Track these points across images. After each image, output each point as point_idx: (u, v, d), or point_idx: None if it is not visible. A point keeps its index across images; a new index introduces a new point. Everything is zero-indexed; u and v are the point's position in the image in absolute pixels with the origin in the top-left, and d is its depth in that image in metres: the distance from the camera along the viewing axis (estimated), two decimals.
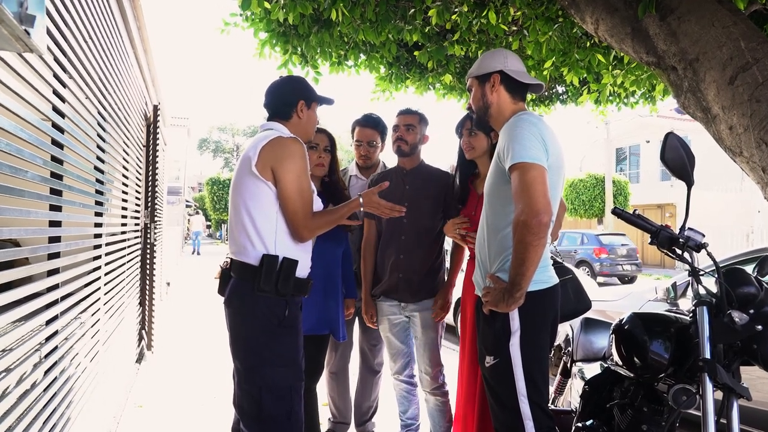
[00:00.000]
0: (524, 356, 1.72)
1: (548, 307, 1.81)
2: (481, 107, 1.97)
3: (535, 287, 1.74)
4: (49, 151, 1.80)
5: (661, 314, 1.98)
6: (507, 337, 1.73)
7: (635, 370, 1.89)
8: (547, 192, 1.65)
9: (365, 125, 2.81)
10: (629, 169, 23.77)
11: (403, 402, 2.80)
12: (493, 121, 1.97)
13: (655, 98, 4.77)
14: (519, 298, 1.67)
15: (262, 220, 1.83)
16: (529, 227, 1.60)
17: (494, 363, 1.76)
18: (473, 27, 3.64)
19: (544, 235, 1.62)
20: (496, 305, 1.71)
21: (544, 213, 1.60)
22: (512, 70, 1.92)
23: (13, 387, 1.53)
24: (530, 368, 1.72)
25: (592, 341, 2.50)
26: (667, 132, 1.76)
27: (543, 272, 1.78)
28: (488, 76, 1.94)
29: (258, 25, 3.82)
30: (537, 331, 1.76)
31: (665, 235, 1.77)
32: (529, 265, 1.62)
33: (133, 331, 4.30)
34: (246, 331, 1.83)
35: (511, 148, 1.70)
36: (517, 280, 1.65)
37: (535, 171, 1.66)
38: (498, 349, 1.75)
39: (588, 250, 15.37)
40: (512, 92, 1.93)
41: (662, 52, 2.33)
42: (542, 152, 1.70)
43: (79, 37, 2.11)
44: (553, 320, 1.84)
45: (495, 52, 1.98)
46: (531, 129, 1.73)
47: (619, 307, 4.37)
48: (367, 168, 2.89)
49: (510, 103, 1.93)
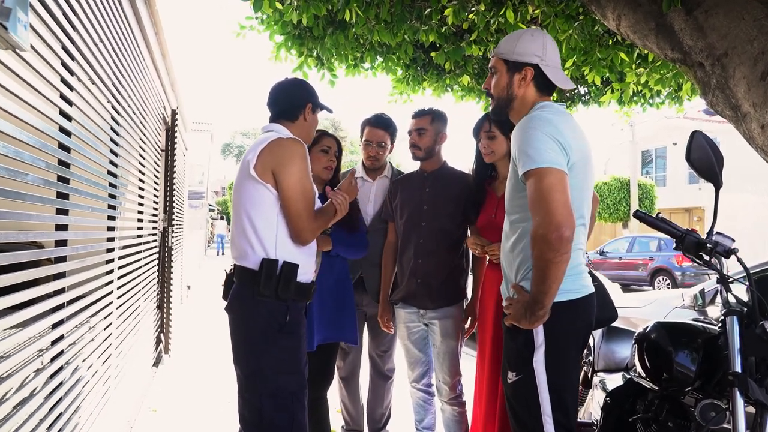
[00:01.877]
0: (550, 373, 1.57)
1: (578, 320, 1.65)
2: (503, 98, 1.75)
3: (563, 297, 1.59)
4: (56, 155, 1.79)
5: (687, 324, 1.87)
6: (531, 352, 1.59)
7: (660, 382, 1.79)
8: (568, 200, 1.49)
9: (376, 125, 2.72)
10: (655, 172, 23.24)
11: (419, 411, 2.72)
12: (513, 114, 1.77)
13: (681, 98, 4.61)
14: (542, 316, 1.54)
15: (262, 224, 1.79)
16: (549, 243, 1.45)
17: (516, 380, 1.63)
18: (491, 26, 3.56)
19: (567, 249, 1.47)
20: (518, 321, 1.59)
21: (564, 226, 1.44)
22: (549, 66, 1.70)
23: (14, 391, 1.51)
24: (556, 386, 1.58)
25: (614, 351, 2.39)
26: (692, 131, 1.66)
27: (574, 281, 1.63)
28: (521, 67, 1.71)
29: (273, 28, 3.81)
30: (565, 345, 1.61)
31: (691, 240, 1.67)
32: (551, 282, 1.49)
33: (151, 334, 4.31)
34: (246, 337, 1.79)
35: (524, 153, 1.55)
36: (539, 298, 1.52)
37: (552, 177, 1.49)
38: (521, 365, 1.61)
39: (667, 257, 13.30)
40: (542, 90, 1.73)
41: (688, 47, 2.23)
42: (559, 153, 1.54)
43: (89, 40, 2.11)
44: (585, 333, 1.70)
45: (535, 36, 1.72)
46: (545, 127, 1.56)
47: (643, 314, 4.22)
48: (374, 169, 2.81)
49: (535, 97, 1.73)
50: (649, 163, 23.72)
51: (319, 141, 2.38)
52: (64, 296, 1.88)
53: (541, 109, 1.68)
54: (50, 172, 1.75)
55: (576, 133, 1.64)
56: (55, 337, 1.85)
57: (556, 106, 1.71)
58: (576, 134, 1.64)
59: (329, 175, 2.41)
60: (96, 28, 2.20)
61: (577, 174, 1.60)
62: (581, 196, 1.64)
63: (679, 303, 4.07)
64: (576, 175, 1.60)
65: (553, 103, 1.74)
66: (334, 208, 1.94)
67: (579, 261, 1.66)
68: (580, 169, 1.62)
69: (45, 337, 1.78)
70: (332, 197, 1.96)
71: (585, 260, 1.75)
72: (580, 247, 1.68)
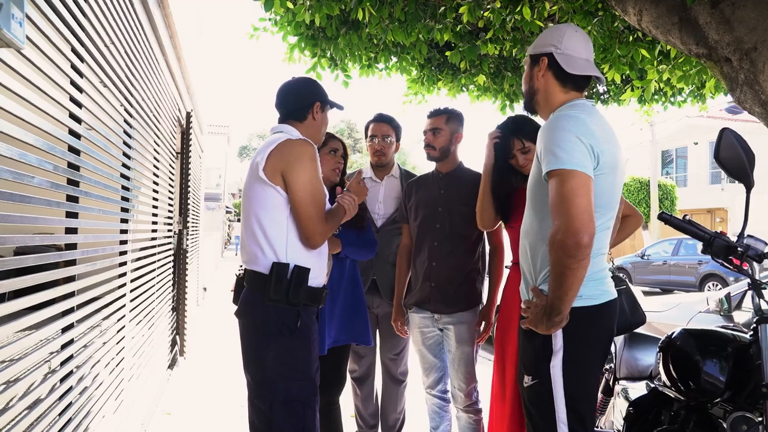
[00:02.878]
0: (567, 379, 1.51)
1: (599, 326, 1.58)
2: (527, 91, 1.74)
3: (583, 303, 1.53)
4: (66, 157, 1.77)
5: (716, 331, 1.78)
6: (548, 357, 1.53)
7: (686, 392, 1.71)
8: (590, 206, 1.43)
9: (379, 121, 2.73)
10: (676, 173, 22.82)
11: (434, 417, 2.65)
12: (540, 110, 1.72)
13: (704, 96, 4.47)
14: (559, 322, 1.48)
15: (271, 227, 1.75)
16: (566, 249, 1.40)
17: (532, 384, 1.58)
18: (507, 24, 3.49)
19: (584, 256, 1.40)
20: (536, 325, 1.53)
21: (583, 232, 1.38)
22: (565, 54, 1.63)
23: (23, 394, 1.50)
24: (573, 393, 1.51)
25: (637, 358, 2.30)
26: (722, 128, 1.58)
27: (596, 286, 1.56)
28: (538, 58, 1.68)
29: (286, 29, 3.78)
30: (584, 352, 1.55)
31: (721, 244, 1.59)
32: (568, 289, 1.43)
33: (166, 337, 4.31)
34: (256, 343, 1.75)
35: (550, 151, 1.49)
36: (555, 304, 1.46)
37: (576, 180, 1.43)
38: (537, 370, 1.56)
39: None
40: (562, 80, 1.65)
41: (714, 42, 2.14)
42: (587, 156, 1.47)
43: (99, 42, 2.09)
44: (606, 341, 1.62)
45: (554, 29, 1.71)
46: (573, 127, 1.49)
47: (666, 319, 4.10)
48: (381, 166, 2.77)
49: (559, 92, 1.65)
50: (670, 164, 23.31)
51: (327, 143, 2.34)
52: (74, 300, 1.86)
53: (572, 108, 1.61)
54: (60, 175, 1.73)
55: (607, 135, 1.57)
56: (65, 341, 1.83)
57: (589, 106, 1.64)
58: (607, 136, 1.57)
59: (338, 177, 2.37)
60: (107, 30, 2.19)
61: (605, 178, 1.53)
62: (608, 200, 1.57)
63: (704, 307, 3.95)
64: (604, 179, 1.53)
65: (585, 101, 1.67)
66: (343, 209, 1.89)
67: (602, 266, 1.60)
68: (609, 173, 1.55)
69: (55, 340, 1.76)
70: (340, 198, 1.92)
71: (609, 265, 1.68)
72: (603, 252, 1.61)
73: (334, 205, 1.91)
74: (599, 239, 1.55)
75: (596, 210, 1.50)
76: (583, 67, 1.65)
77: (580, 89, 1.68)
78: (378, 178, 2.79)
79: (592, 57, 1.71)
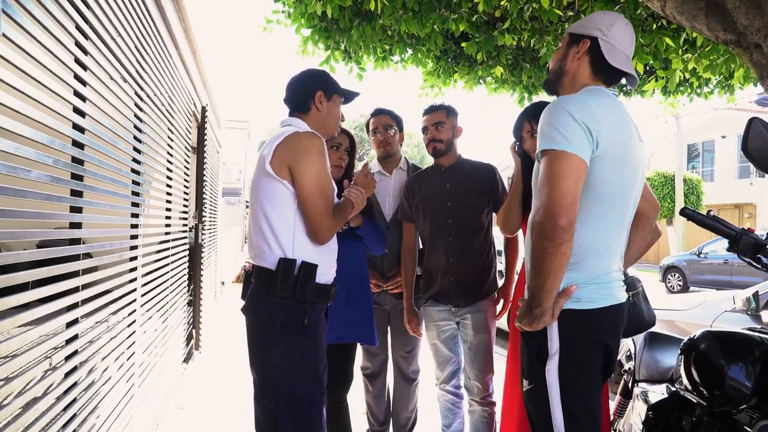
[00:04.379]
0: (563, 385, 1.43)
1: (598, 331, 1.48)
2: (555, 70, 1.64)
3: (581, 306, 1.45)
4: (69, 152, 1.75)
5: (741, 333, 1.68)
6: (543, 361, 1.45)
7: (709, 398, 1.61)
8: (576, 189, 1.35)
9: (378, 113, 2.72)
10: (702, 167, 22.24)
11: (447, 414, 2.61)
12: (562, 91, 1.63)
13: (732, 86, 4.30)
14: (540, 315, 1.40)
15: (278, 222, 1.71)
16: (543, 230, 1.33)
17: (530, 388, 1.51)
18: (524, 13, 3.39)
19: (562, 240, 1.33)
20: (520, 321, 1.46)
21: (561, 215, 1.31)
22: (610, 43, 1.55)
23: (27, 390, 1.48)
24: (570, 399, 1.44)
25: (657, 359, 2.21)
26: (750, 117, 1.47)
27: (597, 289, 1.47)
28: (579, 39, 1.59)
29: (300, 21, 3.74)
30: (581, 356, 1.46)
31: (748, 241, 1.49)
32: (547, 275, 1.35)
33: (181, 331, 4.33)
34: (262, 340, 1.71)
35: (543, 132, 1.41)
36: (534, 294, 1.38)
37: (565, 161, 1.35)
38: (533, 373, 1.49)
39: None
40: (596, 68, 1.57)
41: (743, 27, 2.02)
42: (582, 138, 1.38)
43: (106, 36, 2.07)
44: (607, 347, 1.52)
45: (604, 14, 1.62)
46: (576, 109, 1.40)
47: (690, 318, 3.96)
48: (387, 157, 2.73)
49: (588, 77, 1.58)
50: (696, 157, 22.72)
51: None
52: (78, 295, 1.85)
53: (584, 92, 1.53)
54: (63, 170, 1.71)
55: (616, 120, 1.46)
56: (69, 335, 1.82)
57: (603, 90, 1.54)
58: (615, 121, 1.46)
59: (340, 173, 2.31)
60: (114, 23, 2.16)
61: (609, 164, 1.43)
62: (614, 189, 1.46)
63: (730, 306, 3.80)
64: (607, 165, 1.43)
65: (603, 88, 1.57)
66: (351, 203, 1.84)
67: (607, 269, 1.49)
68: (614, 160, 1.44)
69: (59, 335, 1.75)
70: (347, 192, 1.87)
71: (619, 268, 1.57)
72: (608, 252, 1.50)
73: (341, 199, 1.86)
74: (600, 235, 1.46)
75: (595, 199, 1.43)
76: (623, 62, 1.56)
77: (609, 83, 1.59)
78: (387, 171, 2.76)
79: (632, 55, 1.62)
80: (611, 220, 1.49)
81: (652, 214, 1.75)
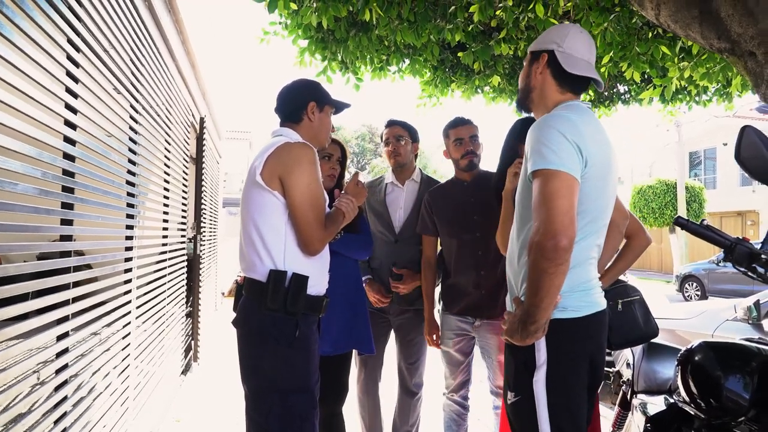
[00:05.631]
0: (551, 397, 1.42)
1: (585, 340, 1.49)
2: (523, 88, 1.68)
3: (567, 315, 1.45)
4: (60, 165, 1.75)
5: (738, 344, 1.66)
6: (530, 372, 1.44)
7: (707, 410, 1.59)
8: (572, 208, 1.35)
9: (391, 125, 2.73)
10: (704, 174, 22.18)
11: (451, 426, 2.58)
12: (534, 108, 1.67)
13: (731, 94, 4.30)
14: (534, 331, 1.39)
15: (269, 234, 1.69)
16: (544, 251, 1.32)
17: (515, 400, 1.49)
18: (520, 23, 3.39)
19: (563, 261, 1.33)
20: (511, 336, 1.45)
21: (562, 235, 1.31)
22: (566, 53, 1.59)
23: (15, 404, 1.46)
24: (557, 413, 1.42)
25: (655, 370, 2.18)
26: (742, 126, 1.46)
27: (581, 297, 1.48)
28: (538, 54, 1.64)
29: (297, 33, 3.75)
30: (568, 368, 1.46)
31: (743, 250, 1.47)
32: (544, 295, 1.34)
33: (179, 343, 4.31)
34: (253, 353, 1.69)
35: (535, 151, 1.42)
36: (531, 311, 1.38)
37: (559, 181, 1.36)
38: (520, 385, 1.47)
39: None
40: (559, 80, 1.60)
41: (737, 35, 2.01)
42: (573, 157, 1.39)
43: (98, 48, 2.07)
44: (593, 355, 1.52)
45: (558, 27, 1.66)
46: (564, 127, 1.42)
47: (691, 327, 3.93)
48: (400, 167, 2.72)
49: (556, 91, 1.61)
50: (698, 165, 22.68)
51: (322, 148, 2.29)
52: (68, 308, 1.83)
53: (565, 108, 1.55)
54: (53, 183, 1.70)
55: (599, 138, 1.50)
56: (59, 349, 1.80)
57: (582, 107, 1.58)
58: (599, 139, 1.49)
59: (332, 183, 2.30)
60: (106, 35, 2.17)
61: (594, 182, 1.46)
62: (597, 206, 1.49)
63: (731, 315, 3.77)
64: (593, 183, 1.45)
65: (580, 103, 1.61)
66: (342, 213, 1.83)
67: (588, 277, 1.51)
68: (599, 178, 1.48)
69: (49, 348, 1.73)
70: (338, 202, 1.85)
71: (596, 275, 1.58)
72: (589, 262, 1.52)
73: (332, 209, 1.84)
74: (584, 248, 1.47)
75: (580, 215, 1.43)
76: (583, 69, 1.59)
77: (577, 92, 1.63)
78: (399, 182, 2.75)
79: (593, 60, 1.65)
80: (594, 234, 1.52)
81: (621, 222, 1.84)
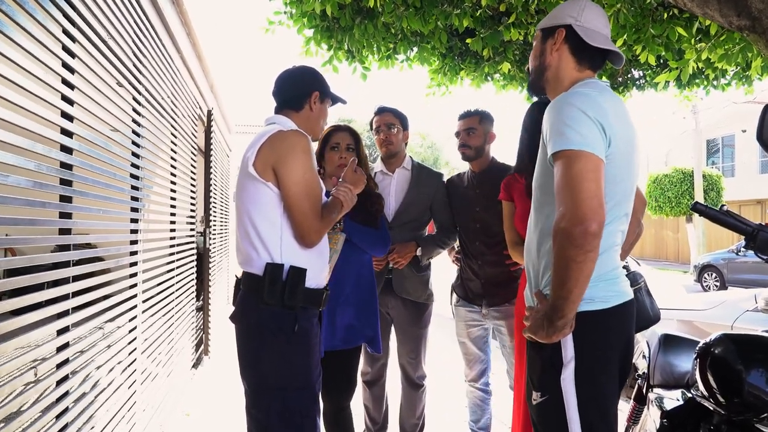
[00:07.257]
0: (580, 394, 1.33)
1: (614, 332, 1.40)
2: (536, 68, 1.57)
3: (594, 306, 1.36)
4: (58, 157, 1.72)
5: (760, 336, 1.58)
6: (558, 369, 1.35)
7: (727, 405, 1.51)
8: (600, 191, 1.26)
9: (381, 112, 2.68)
10: (722, 162, 21.75)
11: (476, 411, 2.68)
12: (549, 89, 1.56)
13: (750, 77, 4.15)
14: (562, 327, 1.30)
15: (265, 226, 1.64)
16: (572, 237, 1.23)
17: (542, 401, 1.40)
18: (530, 6, 3.29)
19: (593, 247, 1.24)
20: (535, 333, 1.36)
21: (591, 219, 1.22)
22: (585, 27, 1.49)
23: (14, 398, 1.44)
24: (588, 410, 1.33)
25: (672, 363, 2.10)
26: (765, 104, 1.38)
27: (608, 287, 1.39)
28: (553, 31, 1.53)
29: (301, 21, 3.68)
30: (598, 362, 1.37)
31: (765, 237, 1.39)
32: (573, 285, 1.25)
33: (190, 337, 4.30)
34: (251, 348, 1.65)
35: (556, 130, 1.32)
36: (558, 305, 1.29)
37: (584, 162, 1.26)
38: (546, 384, 1.38)
39: None
40: (578, 55, 1.50)
41: (758, 11, 1.92)
42: (597, 136, 1.30)
43: (96, 39, 2.03)
44: (623, 348, 1.43)
45: (570, 2, 1.55)
46: (586, 105, 1.32)
47: (709, 318, 3.82)
48: (390, 156, 2.67)
49: (573, 68, 1.51)
50: (716, 153, 22.24)
51: (329, 139, 2.23)
52: (68, 302, 1.81)
53: (583, 85, 1.46)
54: (51, 176, 1.67)
55: (622, 117, 1.40)
56: (60, 343, 1.78)
57: (601, 84, 1.48)
58: (622, 118, 1.40)
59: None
60: (105, 26, 2.13)
61: (618, 164, 1.36)
62: (621, 189, 1.40)
63: (752, 305, 3.66)
64: (617, 165, 1.36)
65: (598, 81, 1.51)
66: (339, 202, 1.76)
67: (614, 264, 1.43)
68: (623, 159, 1.38)
69: (49, 343, 1.71)
70: (335, 191, 1.79)
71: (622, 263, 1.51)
72: (615, 248, 1.44)
73: (329, 198, 1.79)
74: (609, 233, 1.38)
75: (607, 198, 1.33)
76: (603, 41, 1.50)
77: (594, 68, 1.53)
78: (389, 170, 2.70)
79: (609, 35, 1.55)
80: (618, 219, 1.43)
81: (639, 209, 1.76)
